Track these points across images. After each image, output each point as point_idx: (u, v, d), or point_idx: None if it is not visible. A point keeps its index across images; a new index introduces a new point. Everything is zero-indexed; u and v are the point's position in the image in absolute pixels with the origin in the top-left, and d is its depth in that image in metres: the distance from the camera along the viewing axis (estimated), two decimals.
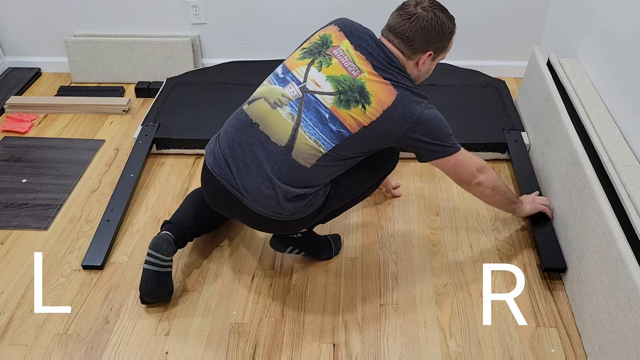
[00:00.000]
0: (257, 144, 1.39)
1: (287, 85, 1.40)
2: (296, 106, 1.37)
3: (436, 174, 2.09)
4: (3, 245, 1.81)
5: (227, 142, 1.44)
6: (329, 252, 1.73)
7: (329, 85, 1.37)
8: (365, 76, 1.37)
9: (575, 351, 1.47)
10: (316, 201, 1.46)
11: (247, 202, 1.41)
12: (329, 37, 1.44)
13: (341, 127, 1.36)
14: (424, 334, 1.52)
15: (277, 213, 1.42)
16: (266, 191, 1.39)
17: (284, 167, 1.38)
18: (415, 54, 1.43)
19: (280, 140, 1.37)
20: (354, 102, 1.35)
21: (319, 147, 1.37)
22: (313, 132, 1.37)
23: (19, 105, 2.48)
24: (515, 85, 2.62)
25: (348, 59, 1.39)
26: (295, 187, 1.40)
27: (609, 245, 1.38)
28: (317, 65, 1.40)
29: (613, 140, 1.64)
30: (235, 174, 1.41)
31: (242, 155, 1.41)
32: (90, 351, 1.49)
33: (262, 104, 1.41)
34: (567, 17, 2.25)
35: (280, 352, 1.48)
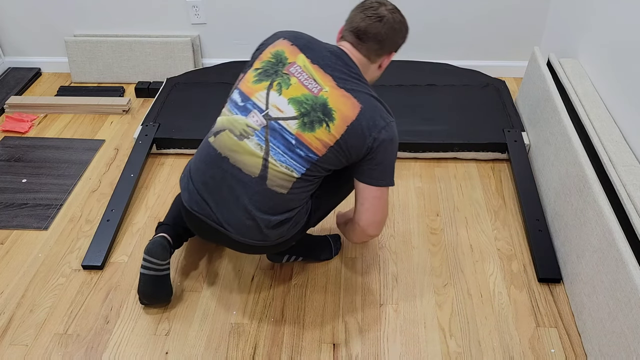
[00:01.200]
0: (231, 178, 1.36)
1: (250, 114, 1.35)
2: (262, 135, 1.33)
3: (436, 174, 2.09)
4: (3, 245, 1.81)
5: (200, 178, 1.40)
6: (328, 252, 1.73)
7: (291, 108, 1.32)
8: (327, 92, 1.32)
9: (575, 351, 1.47)
10: (299, 220, 1.44)
11: (231, 234, 1.39)
12: (283, 54, 1.38)
13: (309, 152, 1.32)
14: (424, 334, 1.52)
15: (262, 240, 1.41)
16: (248, 222, 1.37)
17: (261, 197, 1.35)
18: (381, 57, 1.41)
19: (253, 171, 1.34)
20: (317, 123, 1.31)
21: (291, 173, 1.34)
22: (283, 159, 1.33)
23: (19, 105, 2.48)
24: (515, 85, 2.62)
25: (307, 75, 1.34)
26: (276, 215, 1.38)
27: (609, 245, 1.38)
28: (276, 89, 1.34)
29: (613, 140, 1.64)
30: (214, 209, 1.38)
31: (217, 189, 1.37)
32: (90, 351, 1.49)
33: (228, 136, 1.36)
34: (567, 17, 2.25)
35: (280, 352, 1.48)
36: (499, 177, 2.07)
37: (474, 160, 2.16)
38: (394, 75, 2.50)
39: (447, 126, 2.19)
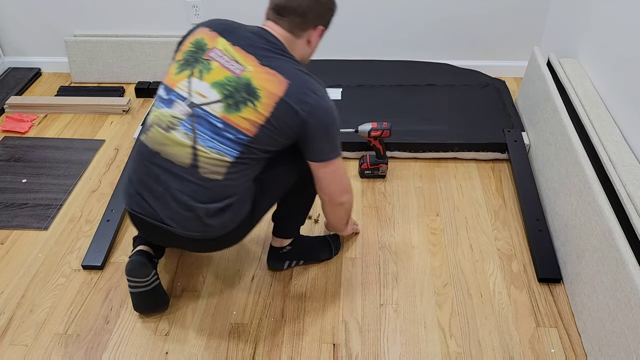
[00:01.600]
0: (164, 172, 1.33)
1: (174, 105, 1.32)
2: (188, 124, 1.30)
3: (436, 174, 2.09)
4: (3, 245, 1.81)
5: (137, 177, 1.37)
6: (328, 252, 1.73)
7: (214, 92, 1.29)
8: (251, 71, 1.29)
9: (575, 351, 1.47)
10: (243, 208, 1.39)
11: (175, 230, 1.35)
12: (202, 41, 1.35)
13: (238, 133, 1.29)
14: (424, 334, 1.52)
15: (206, 232, 1.36)
16: (187, 214, 1.33)
17: (196, 186, 1.32)
18: (306, 30, 1.38)
19: (184, 162, 1.31)
20: (242, 103, 1.28)
21: (223, 158, 1.30)
22: (212, 144, 1.29)
23: (19, 105, 2.48)
24: (515, 85, 2.62)
25: (228, 58, 1.31)
26: (214, 203, 1.33)
27: (609, 245, 1.38)
28: (197, 75, 1.31)
29: (613, 140, 1.64)
30: (154, 206, 1.35)
31: (154, 186, 1.34)
32: (90, 351, 1.49)
33: (157, 131, 1.34)
34: (567, 17, 2.25)
35: (280, 352, 1.48)
36: (499, 177, 2.07)
37: (474, 160, 2.16)
38: (394, 75, 2.51)
39: (447, 126, 2.19)
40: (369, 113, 2.26)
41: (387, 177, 2.07)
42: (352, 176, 2.08)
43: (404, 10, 2.56)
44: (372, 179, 2.06)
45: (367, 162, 2.02)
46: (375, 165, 2.02)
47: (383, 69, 2.56)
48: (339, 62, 2.61)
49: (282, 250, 1.64)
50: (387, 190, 2.02)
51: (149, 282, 1.50)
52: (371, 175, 2.05)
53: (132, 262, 1.48)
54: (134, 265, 1.47)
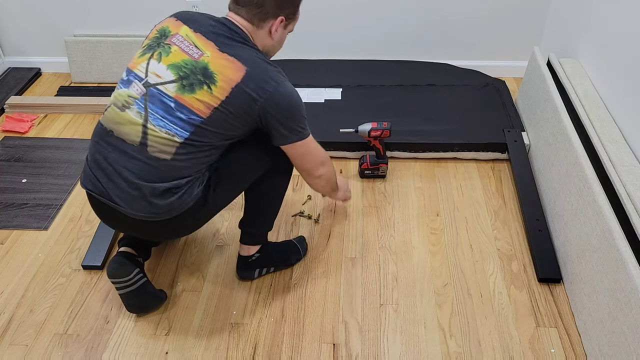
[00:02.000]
0: (115, 150, 1.34)
1: (131, 85, 1.35)
2: (142, 103, 1.32)
3: (436, 174, 2.09)
4: (3, 245, 1.81)
5: (91, 156, 1.39)
6: (297, 253, 1.72)
7: (169, 73, 1.32)
8: (209, 56, 1.31)
9: (575, 351, 1.47)
10: (192, 192, 1.37)
11: (123, 209, 1.35)
12: (167, 29, 1.39)
13: (190, 114, 1.30)
14: (424, 334, 1.52)
15: (153, 213, 1.35)
16: (134, 192, 1.33)
17: (144, 165, 1.32)
18: (266, 21, 1.39)
19: (134, 140, 1.32)
20: (198, 85, 1.29)
21: (172, 138, 1.31)
22: (162, 124, 1.31)
23: (19, 105, 2.48)
24: (515, 85, 2.62)
25: (188, 43, 1.33)
26: (160, 182, 1.33)
27: (609, 245, 1.38)
28: (156, 58, 1.34)
29: (613, 140, 1.64)
30: (104, 184, 1.36)
31: (105, 164, 1.35)
32: (90, 351, 1.49)
33: (113, 110, 1.36)
34: (567, 17, 2.25)
35: (280, 352, 1.48)
36: (499, 177, 2.07)
37: (474, 160, 2.16)
38: (394, 75, 2.51)
39: (447, 126, 2.19)
40: (369, 113, 2.26)
41: (387, 177, 2.07)
42: (352, 176, 2.08)
43: (404, 10, 2.56)
44: (372, 179, 2.06)
45: (367, 162, 2.02)
46: (375, 165, 2.02)
47: (383, 69, 2.56)
48: (339, 62, 2.61)
49: (251, 258, 1.63)
50: (387, 190, 2.02)
51: (132, 281, 1.50)
52: (371, 175, 2.05)
53: (111, 263, 1.49)
54: (112, 266, 1.48)
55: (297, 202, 1.97)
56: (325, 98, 2.36)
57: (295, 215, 1.91)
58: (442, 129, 2.18)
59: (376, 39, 2.64)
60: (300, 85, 2.42)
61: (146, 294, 1.53)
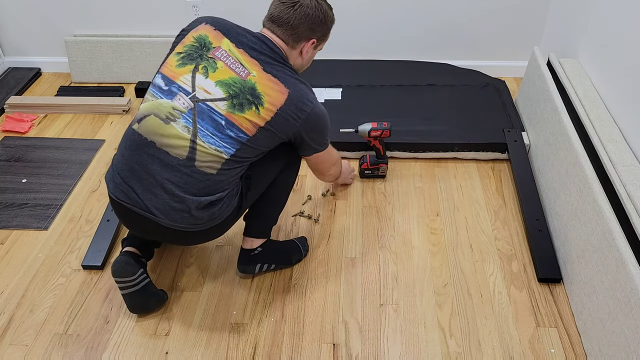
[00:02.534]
0: (158, 162, 1.34)
1: (176, 97, 1.34)
2: (190, 117, 1.33)
3: (436, 174, 2.09)
4: (3, 245, 1.81)
5: (126, 166, 1.37)
6: (298, 254, 1.72)
7: (219, 90, 1.34)
8: (255, 77, 1.35)
9: (575, 351, 1.47)
10: (230, 202, 1.42)
11: (160, 220, 1.35)
12: (206, 38, 1.39)
13: (239, 132, 1.34)
14: (424, 334, 1.52)
15: (193, 224, 1.38)
16: (176, 205, 1.34)
17: (189, 179, 1.34)
18: (299, 43, 1.45)
19: (180, 154, 1.33)
20: (247, 105, 1.33)
21: (220, 154, 1.34)
22: (212, 140, 1.33)
23: (19, 105, 2.48)
24: (515, 85, 2.62)
25: (233, 59, 1.36)
26: (205, 196, 1.36)
27: (609, 245, 1.38)
28: (202, 72, 1.35)
29: (613, 140, 1.64)
30: (141, 195, 1.35)
31: (145, 175, 1.34)
32: (90, 351, 1.49)
33: (154, 120, 1.34)
34: (567, 17, 2.25)
35: (280, 352, 1.48)
36: (499, 177, 2.07)
37: (474, 160, 2.16)
38: (394, 75, 2.51)
39: (447, 126, 2.19)
40: (369, 113, 2.26)
41: (387, 177, 2.07)
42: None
43: (404, 11, 2.56)
44: (372, 179, 2.06)
45: (367, 162, 2.02)
46: (375, 165, 2.02)
47: (383, 69, 2.56)
48: (339, 62, 2.61)
49: (253, 252, 1.62)
50: (387, 190, 2.02)
51: (136, 281, 1.50)
52: (371, 175, 2.05)
53: (116, 262, 1.49)
54: (118, 265, 1.48)
55: (297, 202, 1.97)
56: (325, 98, 2.36)
57: (295, 215, 1.91)
58: (442, 129, 2.18)
59: (376, 39, 2.64)
60: None
61: (149, 295, 1.53)
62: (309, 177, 2.07)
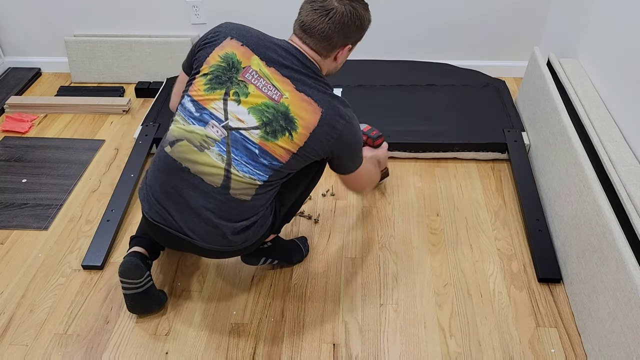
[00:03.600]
0: (192, 188, 1.32)
1: (208, 125, 1.31)
2: (224, 146, 1.30)
3: (436, 174, 2.09)
4: (3, 245, 1.81)
5: (160, 188, 1.36)
6: (299, 254, 1.72)
7: (252, 118, 1.29)
8: (287, 98, 1.29)
9: (575, 351, 1.47)
10: (265, 223, 1.43)
11: (196, 242, 1.37)
12: (234, 57, 1.32)
13: (273, 160, 1.32)
14: (424, 334, 1.52)
15: (228, 246, 1.40)
16: (212, 230, 1.35)
17: (224, 206, 1.33)
18: (333, 51, 1.37)
19: (215, 181, 1.32)
20: (280, 132, 1.29)
21: (254, 181, 1.33)
22: (246, 169, 1.31)
23: (19, 105, 2.48)
24: (515, 85, 2.62)
25: (265, 82, 1.30)
26: (240, 221, 1.37)
27: (609, 245, 1.38)
28: (234, 98, 1.30)
29: (613, 140, 1.64)
30: (176, 218, 1.35)
31: (179, 199, 1.34)
32: (90, 351, 1.49)
33: (187, 147, 1.32)
34: (567, 17, 2.25)
35: (280, 352, 1.48)
36: (499, 177, 2.07)
37: (474, 160, 2.16)
38: (394, 75, 2.51)
39: (447, 126, 2.19)
40: (369, 113, 2.26)
41: (387, 177, 2.07)
42: None
43: (404, 11, 2.56)
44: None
45: None
46: None
47: (383, 69, 2.56)
48: None
49: (263, 245, 1.61)
50: (387, 190, 2.02)
51: (142, 283, 1.50)
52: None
53: (126, 263, 1.47)
54: (127, 266, 1.47)
55: None
56: None
57: (296, 215, 1.91)
58: (442, 129, 2.18)
59: (376, 39, 2.64)
60: None
61: (150, 297, 1.53)
62: None
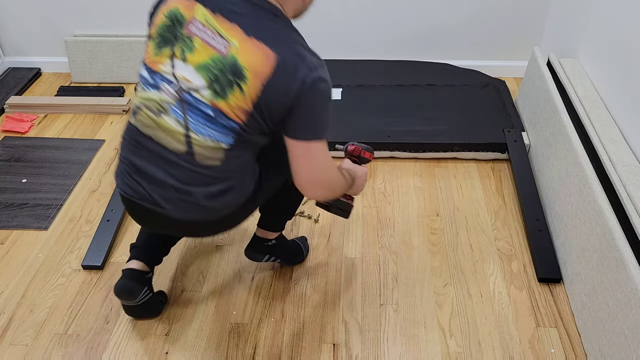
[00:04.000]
0: (159, 157, 1.23)
1: (160, 89, 1.19)
2: (179, 110, 1.18)
3: (436, 174, 2.09)
4: (3, 245, 1.81)
5: (130, 160, 1.27)
6: (300, 255, 1.72)
7: (199, 77, 1.15)
8: (236, 46, 1.11)
9: (575, 351, 1.47)
10: (245, 188, 1.29)
11: (170, 213, 1.25)
12: (177, 12, 1.17)
13: (229, 120, 1.16)
14: (424, 334, 1.52)
15: (206, 214, 1.27)
16: (185, 198, 1.24)
17: (194, 173, 1.22)
18: None
19: (178, 148, 1.20)
20: (228, 86, 1.13)
21: (220, 145, 1.19)
22: (206, 132, 1.18)
23: (19, 105, 2.48)
24: (515, 85, 2.62)
25: (212, 32, 1.13)
26: (212, 186, 1.23)
27: (609, 245, 1.38)
28: (180, 56, 1.16)
29: (613, 140, 1.64)
30: (148, 189, 1.25)
31: (149, 169, 1.24)
32: (90, 351, 1.49)
33: (147, 115, 1.22)
34: (567, 17, 2.25)
35: (280, 352, 1.48)
36: (499, 177, 2.07)
37: (474, 160, 2.16)
38: (394, 75, 2.51)
39: (447, 126, 2.19)
40: (369, 113, 2.26)
41: (387, 177, 2.07)
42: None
43: (404, 10, 2.56)
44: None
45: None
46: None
47: (383, 69, 2.56)
48: (339, 62, 2.61)
49: (268, 242, 1.60)
50: (387, 190, 2.02)
51: (139, 300, 1.48)
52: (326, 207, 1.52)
53: (120, 286, 1.44)
54: (122, 290, 1.44)
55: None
56: None
57: (295, 215, 1.91)
58: (442, 129, 2.18)
59: (376, 38, 2.64)
60: None
61: (149, 306, 1.53)
62: None
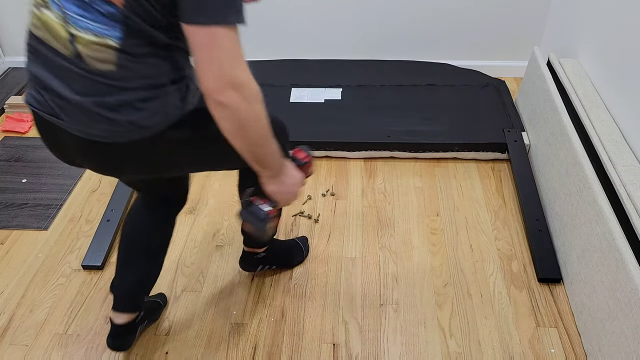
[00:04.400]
0: (52, 65, 1.04)
1: None
2: (56, 1, 0.99)
3: (436, 174, 2.09)
4: (3, 245, 1.81)
5: (29, 70, 1.09)
6: (300, 255, 1.72)
7: None
8: None
9: (575, 351, 1.47)
10: (159, 108, 1.06)
11: (73, 129, 1.06)
12: None
13: (104, 3, 0.95)
14: (424, 334, 1.52)
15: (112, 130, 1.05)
16: (86, 109, 1.04)
17: (87, 80, 1.02)
18: None
19: (65, 49, 1.01)
20: None
21: (105, 41, 0.97)
22: (84, 24, 0.97)
23: (19, 105, 2.48)
24: (515, 85, 2.62)
25: None
26: (108, 96, 1.03)
27: (609, 245, 1.38)
28: None
29: (613, 140, 1.64)
30: (49, 100, 1.06)
31: (47, 77, 1.05)
32: (90, 351, 1.49)
33: (33, 13, 1.05)
34: (567, 17, 2.25)
35: (280, 352, 1.48)
36: (499, 177, 2.07)
37: (474, 160, 2.16)
38: (394, 75, 2.51)
39: (447, 126, 2.19)
40: (369, 113, 2.26)
41: (387, 177, 2.07)
42: (353, 176, 2.08)
43: (404, 11, 2.56)
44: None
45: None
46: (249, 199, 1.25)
47: (383, 69, 2.56)
48: (339, 62, 2.61)
49: (257, 255, 1.61)
50: (387, 190, 2.02)
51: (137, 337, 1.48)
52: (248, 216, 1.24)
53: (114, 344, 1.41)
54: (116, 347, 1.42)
55: (297, 202, 1.97)
56: (325, 98, 2.36)
57: (295, 215, 1.91)
58: (442, 129, 2.18)
59: (376, 38, 2.64)
60: (300, 85, 2.42)
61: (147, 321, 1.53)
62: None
